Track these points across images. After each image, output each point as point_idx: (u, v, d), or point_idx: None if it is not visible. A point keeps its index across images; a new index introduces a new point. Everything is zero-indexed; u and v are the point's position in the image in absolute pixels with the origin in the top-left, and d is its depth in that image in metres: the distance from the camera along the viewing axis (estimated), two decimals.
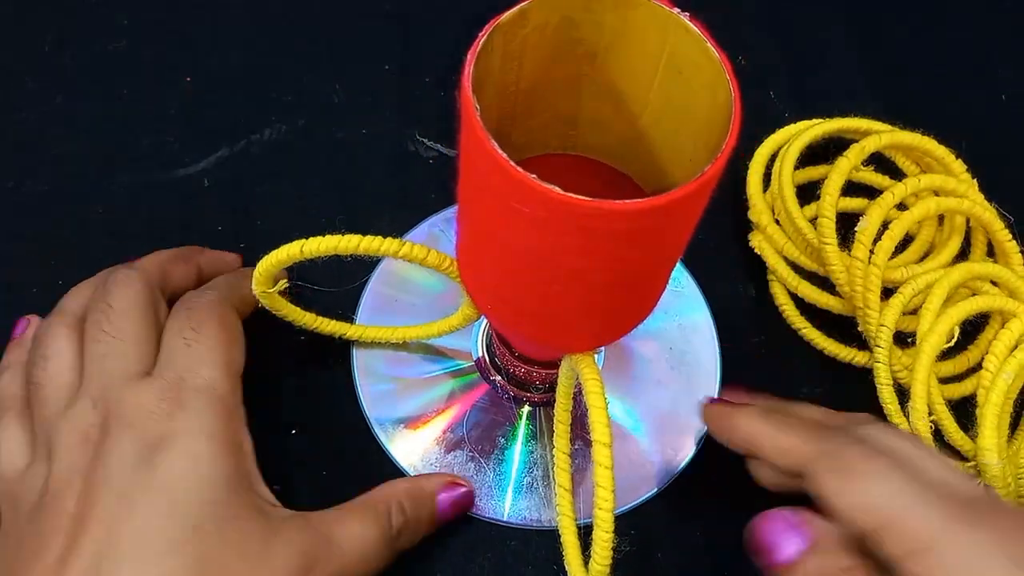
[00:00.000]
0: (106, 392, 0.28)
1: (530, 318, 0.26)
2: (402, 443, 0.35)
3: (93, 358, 0.29)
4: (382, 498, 0.30)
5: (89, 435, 0.27)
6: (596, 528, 0.27)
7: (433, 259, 0.28)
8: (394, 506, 0.30)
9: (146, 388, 0.28)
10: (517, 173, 0.19)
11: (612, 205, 0.19)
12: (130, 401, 0.28)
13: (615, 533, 0.27)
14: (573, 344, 0.28)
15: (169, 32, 0.45)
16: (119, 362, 0.29)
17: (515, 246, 0.22)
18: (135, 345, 0.29)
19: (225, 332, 0.30)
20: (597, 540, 0.27)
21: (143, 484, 0.26)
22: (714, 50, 0.21)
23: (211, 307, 0.31)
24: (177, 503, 0.26)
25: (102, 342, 0.29)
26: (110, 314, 0.29)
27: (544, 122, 0.27)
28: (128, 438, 0.27)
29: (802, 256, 0.38)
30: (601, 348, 0.37)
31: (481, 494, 0.34)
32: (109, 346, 0.29)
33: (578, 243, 0.21)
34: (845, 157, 0.38)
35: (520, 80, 0.24)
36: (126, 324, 0.29)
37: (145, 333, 0.29)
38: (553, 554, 0.33)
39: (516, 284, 0.25)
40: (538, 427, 0.36)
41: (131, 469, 0.26)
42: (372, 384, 0.36)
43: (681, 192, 0.20)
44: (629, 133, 0.26)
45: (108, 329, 0.29)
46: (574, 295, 0.24)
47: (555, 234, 0.21)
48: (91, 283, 0.32)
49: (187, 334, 0.29)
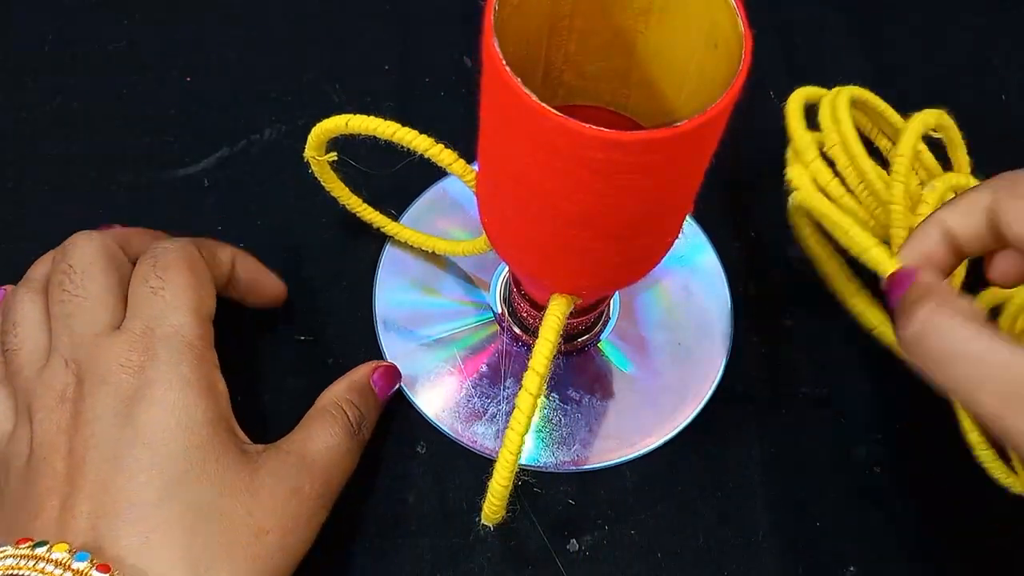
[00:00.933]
0: (76, 350, 0.28)
1: (542, 258, 0.27)
2: (423, 394, 0.36)
3: (59, 318, 0.29)
4: (330, 402, 0.32)
5: (65, 394, 0.28)
6: (502, 448, 0.28)
7: (459, 168, 0.30)
8: (344, 404, 0.32)
9: (115, 342, 0.28)
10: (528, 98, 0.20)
11: (619, 135, 0.20)
12: (101, 357, 0.28)
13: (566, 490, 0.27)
14: (577, 285, 0.28)
15: (169, 32, 0.45)
16: (85, 319, 0.29)
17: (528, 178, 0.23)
18: (99, 301, 0.29)
19: (192, 275, 0.30)
20: (501, 458, 0.28)
21: (126, 440, 0.27)
22: (742, 24, 0.22)
23: (177, 252, 0.31)
24: (160, 454, 0.26)
25: (66, 302, 0.29)
26: (71, 274, 0.30)
27: (598, 71, 0.27)
28: (104, 393, 0.27)
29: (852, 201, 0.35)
30: (616, 295, 0.38)
31: (492, 435, 0.35)
32: (73, 304, 0.29)
33: (587, 178, 0.21)
34: (924, 113, 0.36)
35: (575, 15, 0.25)
36: (87, 282, 0.30)
37: (108, 288, 0.30)
38: (556, 492, 0.35)
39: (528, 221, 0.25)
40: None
41: (111, 426, 0.27)
42: (394, 344, 0.37)
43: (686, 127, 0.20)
44: (673, 104, 0.27)
45: (70, 288, 0.30)
46: (583, 236, 0.24)
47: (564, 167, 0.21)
48: (54, 251, 0.32)
49: (152, 282, 0.30)
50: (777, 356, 0.38)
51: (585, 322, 0.37)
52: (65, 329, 0.29)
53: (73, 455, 0.27)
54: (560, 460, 0.35)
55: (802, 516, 0.35)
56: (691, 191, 0.25)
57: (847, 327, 0.38)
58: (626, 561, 0.34)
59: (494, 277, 0.39)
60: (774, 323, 0.39)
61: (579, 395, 0.36)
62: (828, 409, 0.37)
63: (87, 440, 0.27)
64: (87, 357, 0.28)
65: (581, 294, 0.29)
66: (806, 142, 0.36)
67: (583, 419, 0.36)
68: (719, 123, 0.22)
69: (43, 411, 0.28)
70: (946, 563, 0.34)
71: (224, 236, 0.39)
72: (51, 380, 0.28)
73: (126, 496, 0.26)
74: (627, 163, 0.21)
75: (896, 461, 0.36)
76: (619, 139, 0.20)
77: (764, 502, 0.35)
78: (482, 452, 0.35)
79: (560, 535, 0.34)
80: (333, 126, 0.32)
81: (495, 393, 0.36)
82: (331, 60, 0.45)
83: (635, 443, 0.36)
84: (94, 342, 0.28)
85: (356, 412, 0.32)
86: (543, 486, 0.35)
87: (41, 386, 0.28)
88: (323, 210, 0.40)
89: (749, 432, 0.36)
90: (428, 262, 0.39)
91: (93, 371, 0.28)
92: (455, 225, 0.40)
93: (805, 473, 0.36)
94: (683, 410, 0.37)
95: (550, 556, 0.33)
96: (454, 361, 0.37)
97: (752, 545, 0.34)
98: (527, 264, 0.28)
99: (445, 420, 0.36)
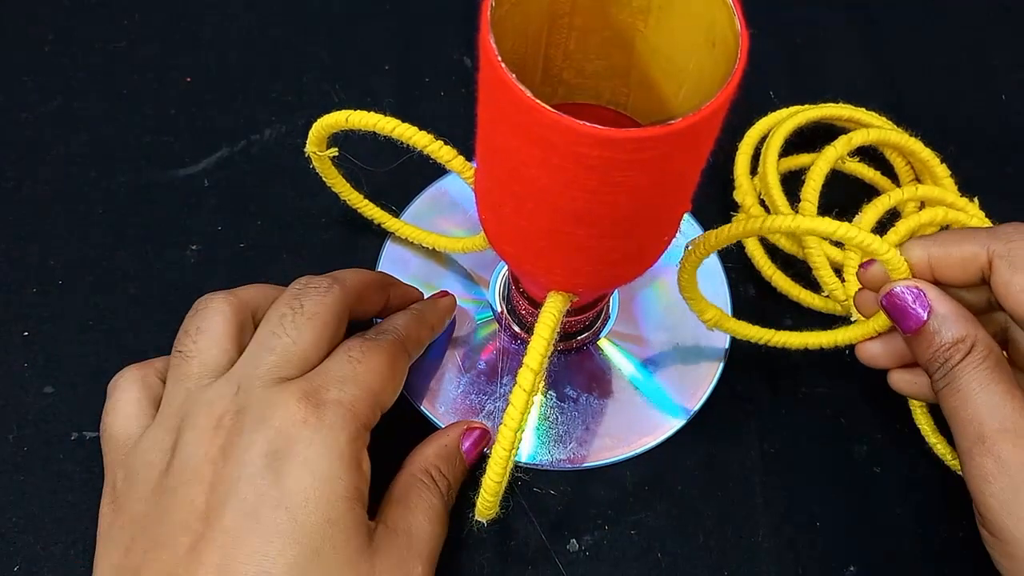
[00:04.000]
0: (251, 382, 0.28)
1: (539, 255, 0.27)
2: (421, 391, 0.36)
3: (257, 347, 0.29)
4: (421, 469, 0.31)
5: (223, 421, 0.27)
6: (496, 444, 0.28)
7: (458, 164, 0.30)
8: (434, 472, 0.31)
9: (289, 388, 0.28)
10: (523, 94, 0.20)
11: (613, 133, 0.20)
12: (271, 399, 0.27)
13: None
14: (574, 282, 0.28)
15: (169, 32, 0.45)
16: (279, 360, 0.28)
17: (524, 174, 0.23)
18: (306, 350, 0.29)
19: (389, 369, 0.30)
20: (494, 454, 0.28)
21: (270, 499, 0.26)
22: (739, 23, 0.22)
23: (387, 345, 0.31)
24: (299, 523, 0.26)
25: (278, 336, 0.29)
26: (299, 315, 0.29)
27: (598, 69, 0.27)
28: (261, 435, 0.27)
29: (782, 239, 0.39)
30: (614, 294, 0.38)
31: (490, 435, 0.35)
32: (280, 342, 0.29)
33: (583, 175, 0.21)
34: (832, 146, 0.38)
35: (574, 13, 0.25)
36: (307, 330, 0.29)
37: (320, 344, 0.29)
38: (556, 491, 0.34)
39: (524, 217, 0.25)
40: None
41: (258, 476, 0.26)
42: None
43: (680, 125, 0.20)
44: (672, 102, 0.27)
45: (288, 327, 0.29)
46: (579, 233, 0.24)
47: (560, 163, 0.21)
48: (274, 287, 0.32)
49: (354, 353, 0.29)
50: (777, 356, 0.38)
51: (583, 320, 0.37)
52: (253, 360, 0.28)
53: (215, 493, 0.26)
54: (557, 458, 0.35)
55: (802, 516, 0.35)
56: (688, 189, 0.25)
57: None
58: (626, 561, 0.34)
59: (493, 275, 0.39)
60: (774, 323, 0.39)
61: (576, 393, 0.36)
62: (828, 409, 0.37)
63: (232, 483, 0.26)
64: (259, 395, 0.27)
65: (578, 291, 0.29)
66: (744, 191, 0.39)
67: (580, 417, 0.36)
68: (714, 121, 0.22)
69: (195, 430, 0.27)
70: (946, 563, 0.34)
71: (224, 236, 0.39)
72: (215, 401, 0.28)
73: (256, 561, 0.25)
74: (622, 160, 0.21)
75: (896, 461, 0.36)
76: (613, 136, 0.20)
77: (764, 502, 0.35)
78: None
79: (560, 535, 0.34)
80: (334, 121, 0.32)
81: (492, 390, 0.36)
82: (331, 60, 0.45)
83: (633, 442, 0.36)
84: (272, 383, 0.28)
85: (445, 482, 0.31)
86: (542, 485, 0.35)
87: (204, 402, 0.28)
88: (323, 210, 0.40)
89: (749, 432, 0.36)
90: (428, 259, 0.39)
91: (258, 410, 0.27)
92: (455, 223, 0.40)
93: (805, 473, 0.36)
94: (682, 409, 0.36)
95: (549, 556, 0.33)
96: (453, 358, 0.37)
97: (752, 545, 0.34)
98: (524, 261, 0.28)
99: (442, 417, 0.36)
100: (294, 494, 0.26)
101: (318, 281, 0.31)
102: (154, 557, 0.26)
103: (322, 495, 0.26)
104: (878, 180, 0.41)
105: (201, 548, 0.25)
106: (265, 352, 0.29)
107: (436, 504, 0.30)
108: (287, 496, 0.26)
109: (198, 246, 0.39)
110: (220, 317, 0.30)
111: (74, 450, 0.34)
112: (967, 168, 0.40)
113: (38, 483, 0.34)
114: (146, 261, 0.39)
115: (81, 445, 0.34)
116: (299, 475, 0.26)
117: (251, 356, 0.29)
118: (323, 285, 0.30)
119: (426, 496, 0.30)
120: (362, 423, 0.28)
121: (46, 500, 0.33)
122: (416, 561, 0.29)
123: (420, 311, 0.34)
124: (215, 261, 0.39)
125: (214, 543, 0.25)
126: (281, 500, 0.26)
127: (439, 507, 0.30)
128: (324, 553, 0.26)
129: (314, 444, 0.27)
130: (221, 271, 0.38)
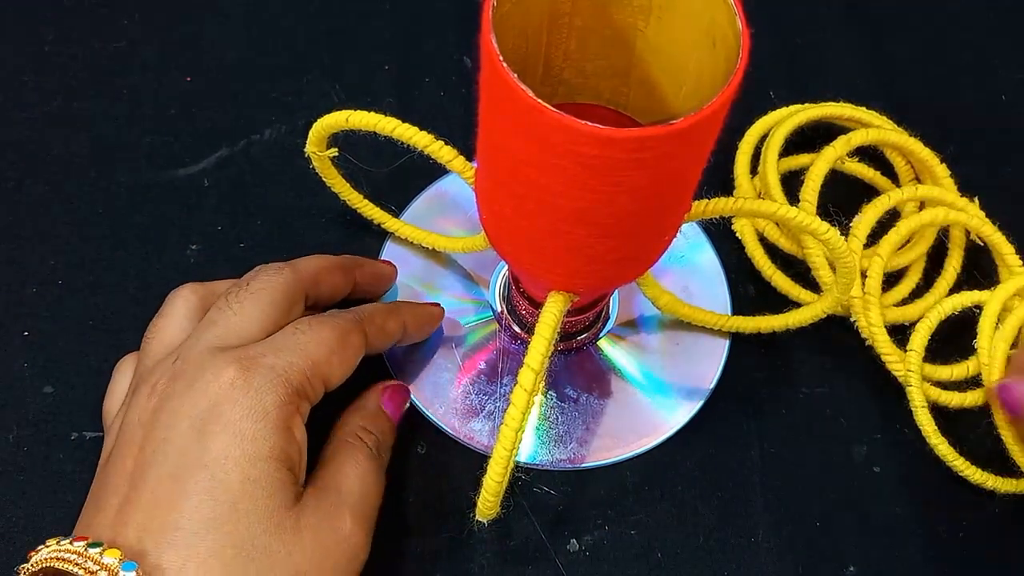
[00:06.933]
0: (189, 352, 0.29)
1: (539, 255, 0.27)
2: (422, 391, 0.36)
3: (203, 324, 0.30)
4: (349, 432, 0.32)
5: (157, 387, 0.28)
6: (496, 443, 0.28)
7: (458, 164, 0.30)
8: (361, 432, 0.32)
9: (225, 354, 0.28)
10: (524, 93, 0.20)
11: (613, 132, 0.20)
12: (203, 364, 0.28)
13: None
14: (574, 282, 0.28)
15: (169, 32, 0.45)
16: (220, 332, 0.29)
17: (524, 174, 0.23)
18: (246, 323, 0.30)
19: (336, 343, 0.30)
20: (495, 454, 0.28)
21: (191, 459, 0.27)
22: (740, 23, 0.22)
23: (340, 321, 0.31)
24: (217, 480, 0.26)
25: (221, 310, 0.30)
26: (243, 292, 0.30)
27: (598, 69, 0.27)
28: (188, 401, 0.27)
29: (782, 238, 0.39)
30: (614, 294, 0.38)
31: (489, 432, 0.35)
32: (222, 316, 0.30)
33: (582, 175, 0.21)
34: (832, 147, 0.38)
35: (574, 13, 0.25)
36: (251, 305, 0.30)
37: (263, 319, 0.30)
38: (556, 491, 0.35)
39: (524, 217, 0.25)
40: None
41: (183, 437, 0.27)
42: None
43: (680, 125, 0.20)
44: (672, 102, 0.27)
45: (231, 302, 0.30)
46: (579, 233, 0.24)
47: (560, 163, 0.21)
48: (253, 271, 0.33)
49: (301, 326, 0.30)
50: (777, 356, 0.38)
51: (584, 321, 0.37)
52: (196, 333, 0.30)
53: (143, 454, 0.27)
54: (557, 458, 0.35)
55: (802, 516, 0.35)
56: (688, 189, 0.25)
57: (847, 327, 0.38)
58: (626, 561, 0.34)
59: (494, 275, 0.39)
60: None
61: (576, 393, 0.36)
62: (828, 409, 0.37)
63: (159, 444, 0.27)
64: (195, 361, 0.28)
65: (578, 291, 0.29)
66: (743, 191, 0.40)
67: (580, 417, 0.36)
68: (715, 121, 0.22)
69: (136, 397, 0.29)
70: (946, 563, 0.34)
71: (224, 236, 0.39)
72: (155, 369, 0.29)
73: (174, 519, 0.26)
74: (621, 160, 0.21)
75: (896, 461, 0.36)
76: (613, 136, 0.20)
77: (764, 502, 0.35)
78: (479, 449, 0.35)
79: (560, 535, 0.34)
80: (334, 121, 0.32)
81: (492, 390, 0.36)
82: (331, 60, 0.45)
83: (633, 442, 0.36)
84: (211, 352, 0.28)
85: (373, 438, 0.32)
86: (542, 485, 0.35)
87: (148, 375, 0.29)
88: (323, 210, 0.40)
89: (749, 432, 0.36)
90: (428, 259, 0.39)
91: (190, 375, 0.28)
92: (455, 223, 0.40)
93: (805, 473, 0.36)
94: (682, 410, 0.36)
95: (549, 556, 0.33)
96: (453, 358, 0.37)
97: (752, 545, 0.34)
98: (524, 261, 0.28)
99: (443, 417, 0.36)
100: (214, 452, 0.27)
101: (271, 265, 0.32)
102: (91, 521, 0.27)
103: (243, 454, 0.27)
104: (878, 180, 0.41)
105: (127, 509, 0.26)
106: (208, 325, 0.30)
107: (363, 460, 0.31)
108: (207, 454, 0.27)
109: (198, 246, 0.39)
110: (180, 301, 0.31)
111: (74, 450, 0.34)
112: (967, 168, 0.40)
113: (38, 483, 0.34)
114: (146, 261, 0.39)
115: (81, 445, 0.34)
116: (221, 435, 0.27)
117: (196, 331, 0.30)
118: (274, 267, 0.32)
119: (352, 453, 0.31)
120: (294, 389, 0.28)
121: (46, 500, 0.33)
122: (346, 515, 0.29)
123: (396, 305, 0.35)
124: (215, 261, 0.39)
125: (137, 503, 0.26)
126: (201, 458, 0.27)
127: (367, 463, 0.31)
128: (242, 509, 0.26)
129: (239, 405, 0.27)
130: (221, 271, 0.38)
